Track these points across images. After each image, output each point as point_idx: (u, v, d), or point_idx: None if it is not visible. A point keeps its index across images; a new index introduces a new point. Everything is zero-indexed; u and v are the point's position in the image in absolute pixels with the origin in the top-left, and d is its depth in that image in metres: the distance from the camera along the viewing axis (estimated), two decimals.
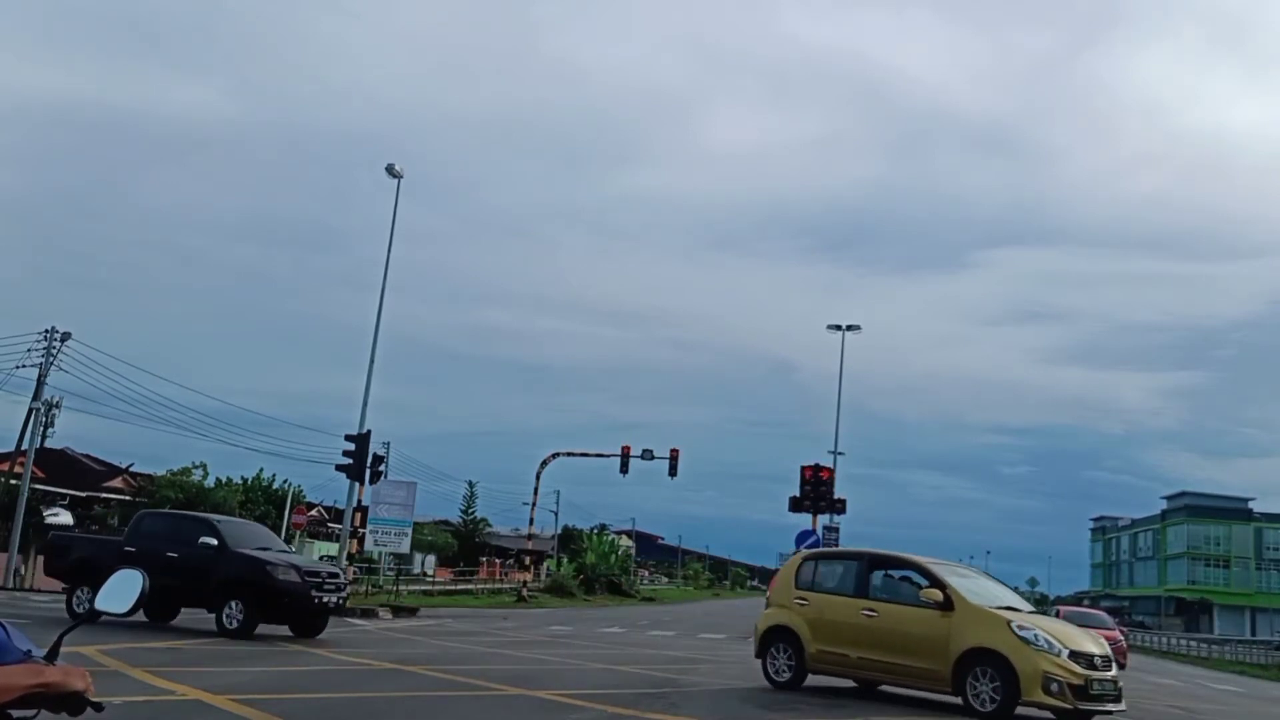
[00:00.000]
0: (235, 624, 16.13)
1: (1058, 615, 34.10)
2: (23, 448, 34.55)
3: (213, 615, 16.60)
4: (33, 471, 34.10)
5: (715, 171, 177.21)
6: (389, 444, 39.14)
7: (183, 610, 18.04)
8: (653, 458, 44.42)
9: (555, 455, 51.40)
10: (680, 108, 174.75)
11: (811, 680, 13.08)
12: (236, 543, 16.93)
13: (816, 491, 30.87)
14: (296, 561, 17.55)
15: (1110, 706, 11.02)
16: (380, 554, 40.65)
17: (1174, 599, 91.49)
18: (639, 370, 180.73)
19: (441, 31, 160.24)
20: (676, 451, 44.19)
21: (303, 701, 9.82)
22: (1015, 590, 15.31)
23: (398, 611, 28.63)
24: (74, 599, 17.45)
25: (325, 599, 16.79)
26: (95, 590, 2.51)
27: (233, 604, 16.20)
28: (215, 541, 16.65)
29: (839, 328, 39.86)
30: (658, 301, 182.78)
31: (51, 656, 2.16)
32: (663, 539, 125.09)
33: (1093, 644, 11.34)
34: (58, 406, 34.67)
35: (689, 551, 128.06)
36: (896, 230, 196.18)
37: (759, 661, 13.33)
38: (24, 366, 32.71)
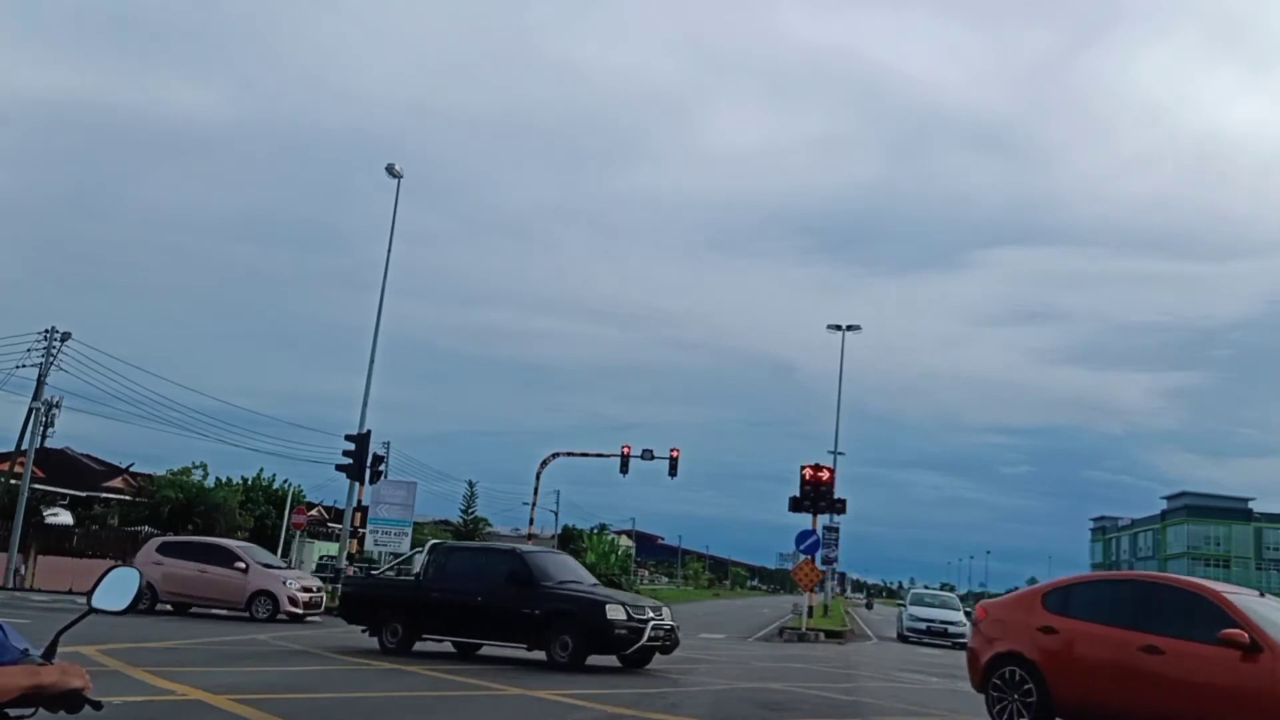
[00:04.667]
0: None
1: None
2: (23, 448, 34.53)
3: None
4: (33, 471, 34.10)
5: (715, 171, 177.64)
6: (389, 444, 39.11)
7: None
8: (653, 458, 44.35)
9: (555, 455, 51.30)
10: (680, 108, 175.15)
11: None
12: None
13: (816, 491, 30.81)
14: None
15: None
16: (380, 554, 40.60)
17: None
18: (639, 370, 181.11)
19: (441, 32, 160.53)
20: (676, 451, 44.09)
21: (303, 701, 9.82)
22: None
23: None
24: None
25: None
26: None
27: None
28: None
29: (839, 328, 39.88)
30: (658, 301, 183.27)
31: (49, 655, 2.15)
32: (663, 539, 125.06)
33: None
34: (58, 406, 34.66)
35: (689, 551, 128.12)
36: (896, 230, 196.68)
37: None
38: (24, 366, 32.73)
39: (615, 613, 14.14)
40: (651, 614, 14.60)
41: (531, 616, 14.48)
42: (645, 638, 14.17)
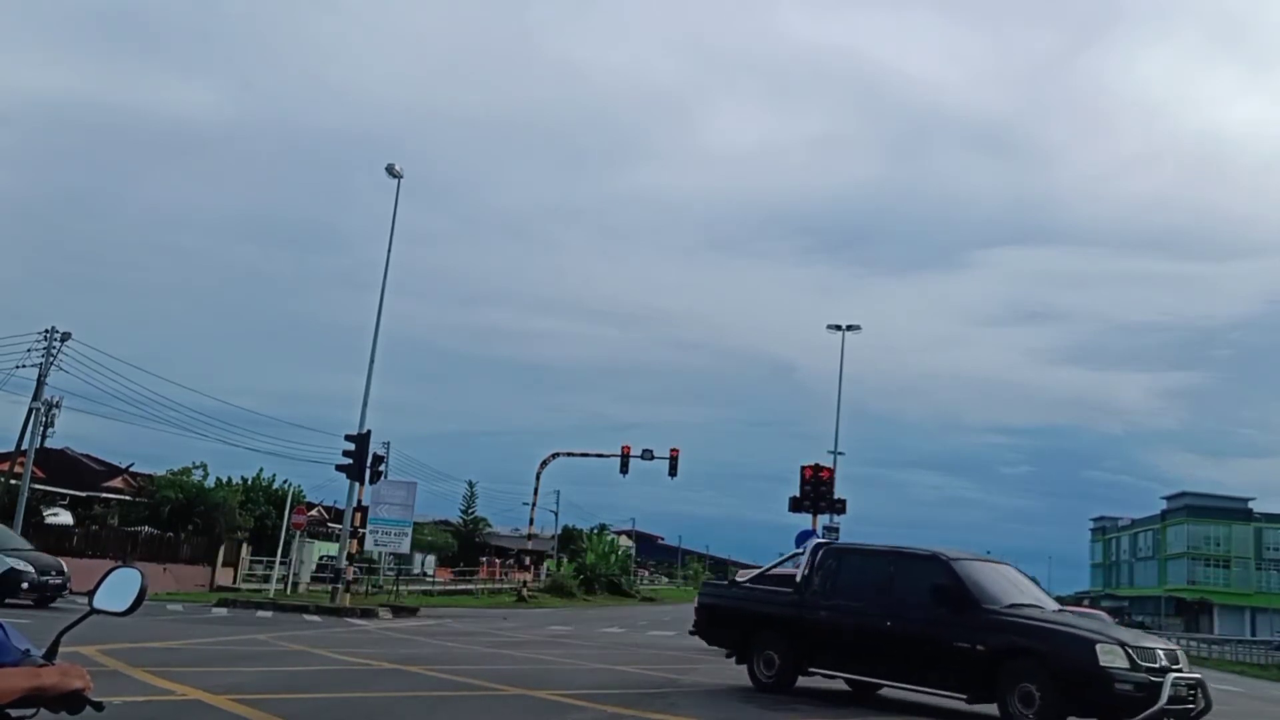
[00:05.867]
0: None
1: None
2: (23, 448, 34.53)
3: None
4: (33, 471, 34.08)
5: (715, 171, 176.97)
6: (389, 444, 39.07)
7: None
8: (652, 458, 44.44)
9: (555, 455, 51.51)
10: (680, 108, 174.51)
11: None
12: None
13: (816, 491, 30.87)
14: None
15: None
16: (380, 554, 40.63)
17: (1174, 599, 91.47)
18: (639, 370, 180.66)
19: (441, 31, 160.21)
20: (676, 451, 44.23)
21: (303, 701, 9.82)
22: None
23: (398, 611, 28.64)
24: None
25: None
26: None
27: None
28: None
29: (839, 328, 39.86)
30: (658, 301, 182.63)
31: (50, 656, 2.15)
32: (663, 539, 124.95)
33: None
34: (58, 406, 34.66)
35: (689, 551, 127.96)
36: (895, 230, 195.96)
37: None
38: (24, 366, 32.70)
39: (1111, 657, 9.95)
40: (1165, 660, 10.33)
41: (971, 653, 10.72)
42: (1164, 699, 9.79)
